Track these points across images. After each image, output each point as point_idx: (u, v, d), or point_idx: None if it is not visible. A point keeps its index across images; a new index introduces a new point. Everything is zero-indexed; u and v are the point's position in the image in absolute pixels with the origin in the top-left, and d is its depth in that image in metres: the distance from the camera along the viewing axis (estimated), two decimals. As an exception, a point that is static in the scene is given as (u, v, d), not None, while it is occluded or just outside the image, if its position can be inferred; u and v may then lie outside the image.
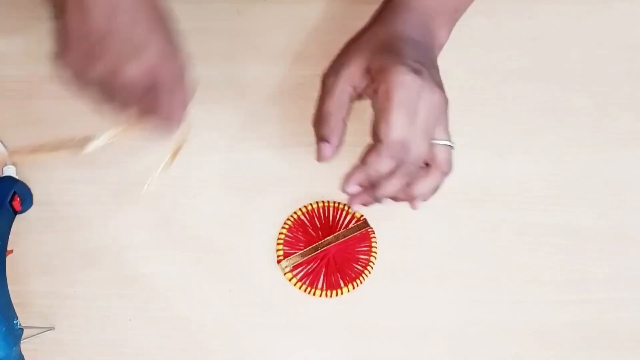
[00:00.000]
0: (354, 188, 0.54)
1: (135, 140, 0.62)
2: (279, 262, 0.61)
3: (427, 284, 0.61)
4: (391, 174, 0.53)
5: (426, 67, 0.52)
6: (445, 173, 0.55)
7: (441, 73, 0.53)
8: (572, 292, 0.61)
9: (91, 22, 0.48)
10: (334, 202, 0.62)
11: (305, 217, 0.62)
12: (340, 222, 0.62)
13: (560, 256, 0.61)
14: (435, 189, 0.55)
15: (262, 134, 0.63)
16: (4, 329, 0.56)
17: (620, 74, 0.64)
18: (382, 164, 0.52)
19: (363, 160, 0.53)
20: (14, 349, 0.57)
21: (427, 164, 0.55)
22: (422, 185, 0.55)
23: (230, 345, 0.60)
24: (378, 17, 0.58)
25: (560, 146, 0.63)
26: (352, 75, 0.54)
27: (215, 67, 0.61)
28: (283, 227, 0.62)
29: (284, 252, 0.61)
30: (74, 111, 0.61)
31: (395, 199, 0.55)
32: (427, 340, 0.60)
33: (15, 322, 0.58)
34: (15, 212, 0.60)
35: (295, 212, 0.62)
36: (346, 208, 0.62)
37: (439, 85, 0.53)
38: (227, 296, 0.61)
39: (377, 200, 0.54)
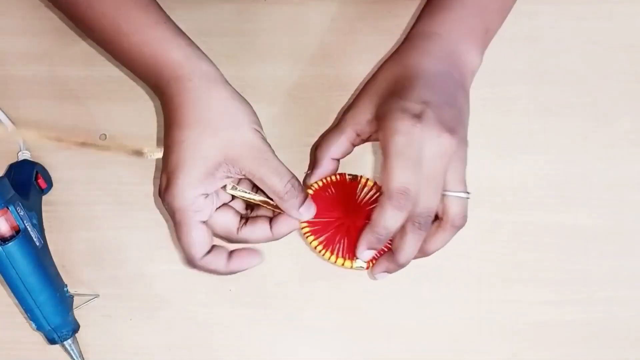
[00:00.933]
0: (367, 254, 0.51)
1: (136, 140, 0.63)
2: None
3: (427, 283, 0.61)
4: (403, 232, 0.49)
5: (434, 106, 0.48)
6: (459, 227, 0.51)
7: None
8: (571, 291, 0.61)
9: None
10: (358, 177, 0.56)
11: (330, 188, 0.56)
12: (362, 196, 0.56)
13: (560, 256, 0.61)
14: (447, 243, 0.52)
15: (262, 134, 0.62)
16: (57, 294, 0.57)
17: (620, 74, 0.64)
18: (387, 217, 0.48)
19: (370, 221, 0.49)
20: (70, 313, 0.58)
21: (437, 217, 0.51)
22: (435, 242, 0.51)
23: (230, 345, 0.60)
24: (397, 51, 0.54)
25: (560, 146, 0.63)
26: (357, 122, 0.52)
27: (216, 67, 0.61)
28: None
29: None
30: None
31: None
32: (427, 339, 0.60)
33: (65, 289, 0.59)
34: (42, 191, 0.60)
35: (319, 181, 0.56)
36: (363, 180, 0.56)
37: (448, 127, 0.48)
38: (227, 296, 0.61)
39: (400, 265, 0.51)
